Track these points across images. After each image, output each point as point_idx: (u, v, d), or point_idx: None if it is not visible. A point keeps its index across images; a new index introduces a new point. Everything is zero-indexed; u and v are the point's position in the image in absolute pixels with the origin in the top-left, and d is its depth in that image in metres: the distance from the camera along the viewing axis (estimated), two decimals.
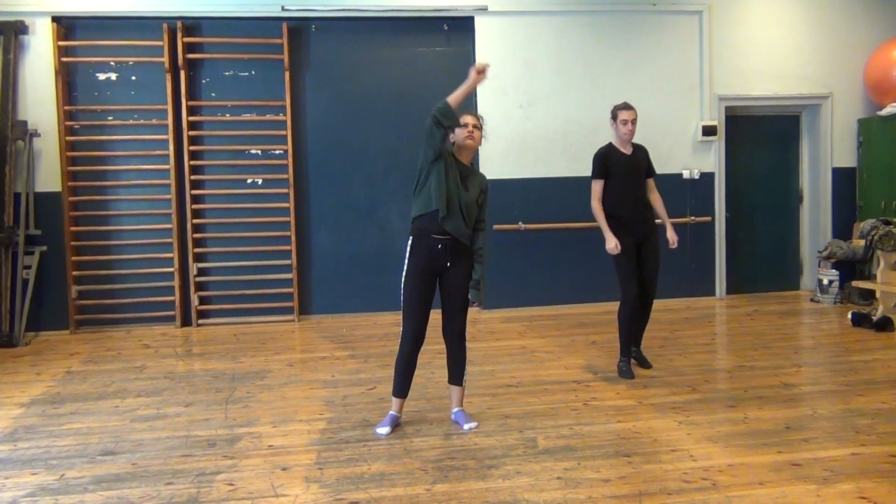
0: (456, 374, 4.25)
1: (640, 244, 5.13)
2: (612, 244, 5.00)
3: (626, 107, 5.11)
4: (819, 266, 8.00)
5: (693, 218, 8.00)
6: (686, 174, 8.01)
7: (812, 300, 7.93)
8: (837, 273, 7.77)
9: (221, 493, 3.36)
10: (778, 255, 8.55)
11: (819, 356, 5.78)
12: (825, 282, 7.81)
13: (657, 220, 5.26)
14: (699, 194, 8.05)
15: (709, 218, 8.06)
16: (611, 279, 7.77)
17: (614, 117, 5.12)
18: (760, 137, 8.43)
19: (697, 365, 5.43)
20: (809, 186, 8.50)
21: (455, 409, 4.28)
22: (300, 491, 3.36)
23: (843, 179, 8.29)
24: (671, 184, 7.99)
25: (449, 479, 3.46)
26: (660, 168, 7.91)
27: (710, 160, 8.07)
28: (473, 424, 4.17)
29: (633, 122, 5.09)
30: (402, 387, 4.14)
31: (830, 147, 8.28)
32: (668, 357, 5.66)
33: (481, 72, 3.88)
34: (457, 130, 4.05)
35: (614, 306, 7.58)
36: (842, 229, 8.26)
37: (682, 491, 3.25)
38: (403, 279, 4.04)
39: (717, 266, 8.15)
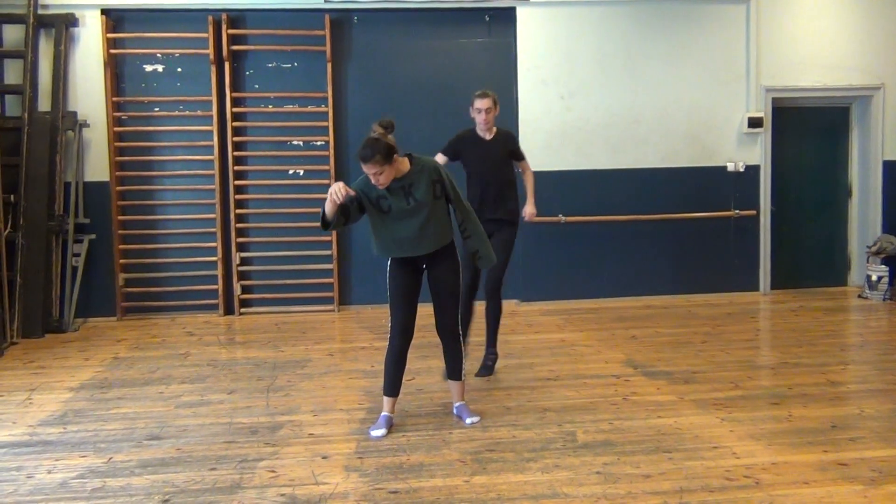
0: (453, 369, 4.23)
1: (490, 232, 4.79)
2: None
3: (482, 95, 4.86)
4: (868, 262, 7.80)
5: (737, 212, 7.86)
6: (731, 167, 7.86)
7: (860, 296, 7.74)
8: (887, 269, 7.57)
9: (263, 480, 3.42)
10: (825, 251, 8.34)
11: (867, 354, 5.65)
12: (874, 278, 7.61)
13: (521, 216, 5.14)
14: (744, 187, 7.89)
15: (753, 212, 7.90)
16: (651, 273, 7.81)
17: (472, 104, 4.92)
18: (808, 130, 8.22)
19: (740, 361, 5.34)
20: (859, 180, 8.27)
21: (457, 404, 4.26)
22: (340, 479, 3.40)
23: (895, 173, 8.07)
24: (715, 176, 7.86)
25: (487, 471, 3.47)
26: (704, 160, 7.97)
27: (756, 153, 7.91)
28: (476, 419, 4.15)
29: (488, 110, 4.84)
30: (393, 385, 4.09)
31: (882, 140, 8.04)
32: (710, 353, 5.58)
33: (336, 192, 3.70)
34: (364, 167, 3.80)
35: (655, 300, 7.63)
36: (892, 224, 8.02)
37: (725, 489, 3.22)
38: (388, 273, 4.07)
39: (762, 261, 7.99)
